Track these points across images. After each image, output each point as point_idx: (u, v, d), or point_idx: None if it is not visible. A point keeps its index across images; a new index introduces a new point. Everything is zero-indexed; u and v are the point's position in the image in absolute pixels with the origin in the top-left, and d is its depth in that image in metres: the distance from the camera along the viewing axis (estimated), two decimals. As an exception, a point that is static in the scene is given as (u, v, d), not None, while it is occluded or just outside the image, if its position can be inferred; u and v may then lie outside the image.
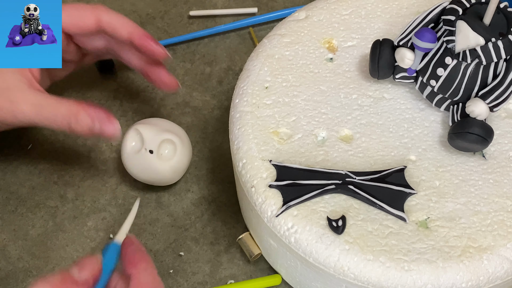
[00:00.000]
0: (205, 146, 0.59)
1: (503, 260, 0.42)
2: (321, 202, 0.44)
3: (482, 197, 0.44)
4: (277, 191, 0.45)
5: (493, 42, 0.43)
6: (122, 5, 0.68)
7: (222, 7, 0.68)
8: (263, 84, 0.50)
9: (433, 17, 0.46)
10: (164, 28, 0.67)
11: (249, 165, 0.46)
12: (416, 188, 0.44)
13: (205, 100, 0.61)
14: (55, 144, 0.59)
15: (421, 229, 0.43)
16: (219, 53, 0.65)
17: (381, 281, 0.42)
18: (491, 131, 0.45)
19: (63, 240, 0.54)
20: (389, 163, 0.46)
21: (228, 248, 0.53)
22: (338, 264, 0.42)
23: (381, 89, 0.49)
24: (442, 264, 0.41)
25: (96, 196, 0.56)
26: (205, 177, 0.57)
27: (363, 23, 0.53)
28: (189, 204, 0.55)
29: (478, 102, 0.44)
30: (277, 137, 0.47)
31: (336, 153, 0.46)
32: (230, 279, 0.52)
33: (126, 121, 0.60)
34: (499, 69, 0.45)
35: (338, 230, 0.43)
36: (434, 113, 0.48)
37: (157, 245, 0.53)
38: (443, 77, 0.45)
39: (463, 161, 0.46)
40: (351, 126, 0.48)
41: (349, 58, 0.51)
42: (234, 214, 0.55)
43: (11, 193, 0.56)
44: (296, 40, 0.52)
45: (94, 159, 0.58)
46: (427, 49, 0.45)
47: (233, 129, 0.48)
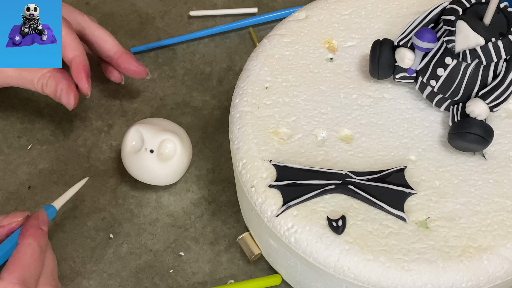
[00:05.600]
0: (205, 146, 0.59)
1: (503, 260, 0.42)
2: (321, 202, 0.44)
3: (482, 197, 0.44)
4: (277, 191, 0.45)
5: (493, 42, 0.43)
6: (122, 5, 0.68)
7: (222, 7, 0.68)
8: (263, 84, 0.50)
9: (433, 17, 0.46)
10: (164, 28, 0.67)
11: (249, 165, 0.46)
12: (416, 188, 0.44)
13: (205, 100, 0.61)
14: (55, 144, 0.59)
15: (421, 229, 0.43)
16: (219, 53, 0.65)
17: (381, 281, 0.42)
18: (491, 131, 0.45)
19: (63, 240, 0.54)
20: (389, 163, 0.46)
21: (228, 248, 0.53)
22: (338, 264, 0.42)
23: (381, 89, 0.49)
24: (442, 264, 0.41)
25: (96, 196, 0.56)
26: (205, 177, 0.57)
27: (363, 23, 0.53)
28: (189, 204, 0.55)
29: (478, 102, 0.44)
30: (277, 137, 0.47)
31: (336, 153, 0.46)
32: (230, 279, 0.52)
33: (126, 121, 0.60)
34: (499, 69, 0.45)
35: (338, 230, 0.43)
36: (434, 113, 0.48)
37: (157, 245, 0.53)
38: (443, 77, 0.45)
39: (463, 161, 0.46)
40: (351, 126, 0.48)
41: (349, 58, 0.51)
42: (234, 214, 0.55)
43: (11, 193, 0.56)
44: (296, 40, 0.52)
45: (94, 159, 0.58)
46: (427, 49, 0.45)
47: (233, 129, 0.48)
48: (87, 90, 0.53)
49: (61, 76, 0.53)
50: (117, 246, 0.53)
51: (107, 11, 0.68)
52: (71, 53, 0.53)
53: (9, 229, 0.46)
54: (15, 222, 0.46)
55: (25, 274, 0.43)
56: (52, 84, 0.52)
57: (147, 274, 0.52)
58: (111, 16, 0.68)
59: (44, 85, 0.53)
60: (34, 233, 0.45)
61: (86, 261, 0.53)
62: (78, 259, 0.53)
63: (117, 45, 0.57)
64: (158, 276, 0.52)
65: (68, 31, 0.52)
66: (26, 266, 0.43)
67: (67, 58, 0.53)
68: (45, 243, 0.46)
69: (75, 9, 0.57)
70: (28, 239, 0.44)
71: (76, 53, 0.53)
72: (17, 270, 0.42)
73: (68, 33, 0.52)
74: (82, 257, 0.53)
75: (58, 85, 0.52)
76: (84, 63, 0.53)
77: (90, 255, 0.53)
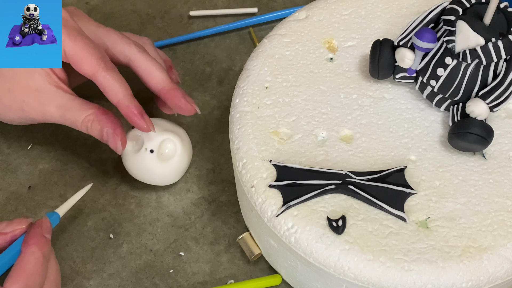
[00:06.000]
0: (205, 146, 0.59)
1: (503, 260, 0.42)
2: (321, 202, 0.44)
3: (482, 197, 0.44)
4: (277, 191, 0.45)
5: (493, 42, 0.43)
6: (122, 5, 0.68)
7: (222, 7, 0.68)
8: (263, 84, 0.50)
9: (433, 17, 0.46)
10: (164, 28, 0.67)
11: (249, 165, 0.46)
12: (416, 188, 0.44)
13: (205, 100, 0.61)
14: (55, 144, 0.59)
15: (421, 229, 0.43)
16: (219, 53, 0.65)
17: (381, 281, 0.42)
18: (491, 131, 0.45)
19: (63, 240, 0.54)
20: (389, 163, 0.46)
21: (228, 248, 0.53)
22: (338, 264, 0.42)
23: (381, 89, 0.49)
24: (442, 264, 0.41)
25: (96, 196, 0.56)
26: (205, 177, 0.57)
27: (363, 23, 0.53)
28: (189, 204, 0.55)
29: (478, 102, 0.44)
30: (277, 137, 0.47)
31: (336, 153, 0.46)
32: (230, 279, 0.52)
33: (126, 121, 0.60)
34: (499, 69, 0.45)
35: (338, 230, 0.43)
36: (434, 113, 0.48)
37: (157, 245, 0.53)
38: (443, 77, 0.45)
39: (463, 161, 0.46)
40: (351, 126, 0.48)
41: (349, 58, 0.51)
42: (234, 214, 0.55)
43: (11, 193, 0.56)
44: (296, 40, 0.52)
45: (94, 159, 0.58)
46: (427, 49, 0.45)
47: (233, 129, 0.48)
48: (148, 130, 0.51)
49: (106, 119, 0.51)
50: (117, 246, 0.53)
51: (107, 11, 0.68)
52: (114, 98, 0.50)
53: (12, 236, 0.46)
54: (18, 229, 0.46)
55: (29, 283, 0.43)
56: (97, 128, 0.50)
57: (147, 274, 0.52)
58: (111, 16, 0.68)
59: (89, 128, 0.51)
60: (37, 241, 0.45)
61: (86, 261, 0.53)
62: (78, 259, 0.53)
63: (163, 81, 0.53)
64: (158, 276, 0.52)
65: (110, 73, 0.50)
66: (29, 275, 0.43)
67: (113, 102, 0.51)
68: (49, 252, 0.45)
69: (123, 37, 0.53)
70: (31, 247, 0.44)
71: (119, 96, 0.50)
72: (20, 280, 0.42)
73: (111, 75, 0.50)
74: (82, 257, 0.53)
75: (103, 129, 0.50)
76: (131, 106, 0.51)
77: (90, 255, 0.53)
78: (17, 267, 0.43)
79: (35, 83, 0.50)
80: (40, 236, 0.45)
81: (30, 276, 0.43)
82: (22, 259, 0.43)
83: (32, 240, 0.45)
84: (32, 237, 0.45)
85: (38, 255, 0.44)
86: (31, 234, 0.45)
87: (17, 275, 0.42)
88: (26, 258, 0.44)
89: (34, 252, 0.44)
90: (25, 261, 0.43)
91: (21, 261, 0.43)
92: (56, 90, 0.51)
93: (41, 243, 0.45)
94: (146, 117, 0.51)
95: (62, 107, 0.51)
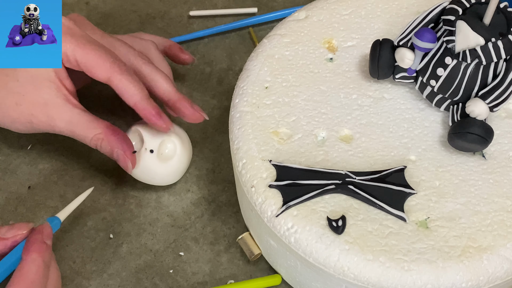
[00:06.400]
0: (205, 146, 0.59)
1: (503, 260, 0.42)
2: (321, 202, 0.44)
3: (482, 197, 0.44)
4: (277, 191, 0.45)
5: (493, 42, 0.43)
6: (122, 5, 0.68)
7: (222, 7, 0.68)
8: (263, 84, 0.50)
9: (433, 17, 0.46)
10: (164, 28, 0.67)
11: (249, 165, 0.46)
12: (416, 188, 0.44)
13: (205, 100, 0.61)
14: (55, 144, 0.59)
15: (421, 229, 0.43)
16: (219, 53, 0.65)
17: (381, 281, 0.42)
18: (491, 131, 0.45)
19: (63, 240, 0.54)
20: (389, 163, 0.46)
21: (228, 248, 0.53)
22: (338, 264, 0.42)
23: (381, 89, 0.49)
24: (442, 264, 0.41)
25: (96, 196, 0.56)
26: (205, 177, 0.57)
27: (363, 23, 0.53)
28: (189, 204, 0.55)
29: (478, 102, 0.44)
30: (277, 137, 0.47)
31: (336, 153, 0.46)
32: (230, 279, 0.52)
33: (126, 121, 0.60)
34: (499, 69, 0.45)
35: (338, 230, 0.43)
36: (434, 113, 0.48)
37: (157, 245, 0.53)
38: (443, 77, 0.45)
39: (463, 161, 0.46)
40: (351, 126, 0.48)
41: (349, 58, 0.51)
42: (234, 214, 0.55)
43: (11, 193, 0.56)
44: (296, 40, 0.52)
45: (94, 159, 0.58)
46: (427, 49, 0.45)
47: (233, 129, 0.48)
48: (166, 130, 0.52)
49: (115, 140, 0.51)
50: (117, 246, 0.53)
51: (107, 11, 0.68)
52: (131, 100, 0.50)
53: (13, 241, 0.46)
54: (19, 235, 0.46)
55: None
56: (107, 148, 0.51)
57: (147, 274, 0.52)
58: (111, 16, 0.68)
59: (99, 147, 0.51)
60: (38, 248, 0.45)
61: (86, 261, 0.53)
62: (78, 259, 0.53)
63: (169, 92, 0.53)
64: (158, 276, 0.52)
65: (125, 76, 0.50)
66: (30, 283, 0.43)
67: (130, 104, 0.51)
68: (50, 258, 0.45)
69: (128, 47, 0.54)
70: (32, 254, 0.44)
71: (136, 98, 0.50)
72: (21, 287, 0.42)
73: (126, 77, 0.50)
74: (82, 257, 0.53)
75: (113, 149, 0.51)
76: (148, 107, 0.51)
77: (90, 255, 0.53)
78: (18, 275, 0.43)
79: (43, 97, 0.50)
80: (41, 243, 0.45)
81: (30, 284, 0.43)
82: (23, 267, 0.43)
83: (33, 247, 0.45)
84: (33, 243, 0.45)
85: (39, 263, 0.44)
86: (32, 241, 0.45)
87: (18, 282, 0.42)
88: (27, 266, 0.43)
89: (35, 259, 0.44)
90: (26, 269, 0.43)
91: (22, 269, 0.43)
92: (65, 103, 0.50)
93: (42, 249, 0.45)
94: (164, 117, 0.51)
95: (70, 122, 0.51)
